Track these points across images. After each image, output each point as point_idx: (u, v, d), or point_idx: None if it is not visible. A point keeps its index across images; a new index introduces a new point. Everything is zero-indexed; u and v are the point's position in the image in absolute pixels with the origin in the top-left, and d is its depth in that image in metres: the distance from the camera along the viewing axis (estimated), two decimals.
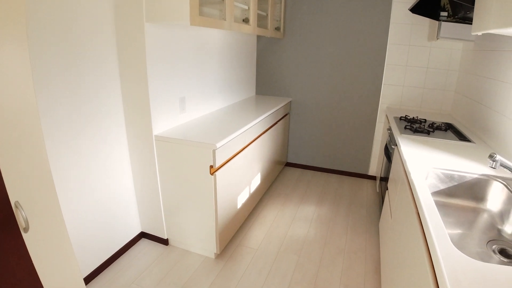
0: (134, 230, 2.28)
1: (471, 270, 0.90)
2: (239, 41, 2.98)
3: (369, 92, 3.25)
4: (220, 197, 2.04)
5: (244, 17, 2.33)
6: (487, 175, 1.63)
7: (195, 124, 2.25)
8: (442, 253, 0.97)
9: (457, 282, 0.86)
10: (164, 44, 1.98)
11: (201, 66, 2.40)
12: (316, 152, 3.64)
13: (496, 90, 2.11)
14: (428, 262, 1.08)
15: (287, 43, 3.33)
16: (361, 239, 2.50)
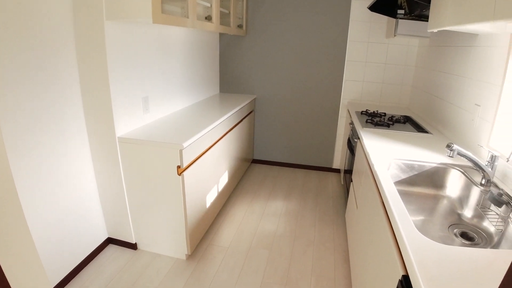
0: (100, 236, 2.20)
1: (435, 253, 0.96)
2: (201, 39, 2.95)
3: (331, 88, 3.35)
4: (188, 197, 2.01)
5: (207, 15, 2.30)
6: (445, 163, 1.74)
7: (159, 124, 2.20)
8: (408, 238, 1.03)
9: (422, 264, 0.91)
10: (125, 43, 1.92)
11: (164, 64, 2.35)
12: (281, 148, 3.70)
13: (451, 83, 2.25)
14: (395, 247, 1.14)
15: (250, 41, 3.34)
16: (329, 230, 2.57)
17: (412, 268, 0.91)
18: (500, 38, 1.62)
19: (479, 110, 1.80)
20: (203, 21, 2.21)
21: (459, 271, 0.89)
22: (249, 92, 3.53)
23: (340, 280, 2.05)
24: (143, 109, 2.15)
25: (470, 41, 1.97)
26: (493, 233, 1.36)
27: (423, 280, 0.85)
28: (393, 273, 1.10)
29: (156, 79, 2.28)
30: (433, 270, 0.89)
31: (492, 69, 1.68)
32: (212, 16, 2.30)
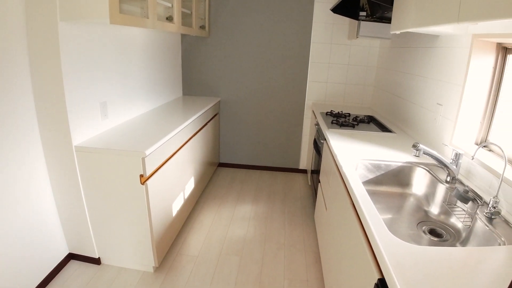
0: (61, 252, 2.03)
1: (410, 254, 0.96)
2: (163, 40, 2.83)
3: (296, 89, 3.36)
4: (153, 207, 1.91)
5: (168, 15, 2.21)
6: (410, 162, 1.77)
7: (120, 131, 2.08)
8: (382, 242, 1.01)
9: (398, 267, 0.90)
10: (81, 45, 1.78)
11: (123, 67, 2.22)
12: (248, 150, 3.65)
13: (412, 83, 2.32)
14: (369, 251, 1.13)
15: (212, 42, 3.27)
16: (299, 231, 2.56)
17: (389, 272, 0.89)
18: (461, 39, 1.68)
19: (441, 109, 1.86)
20: (164, 21, 2.11)
21: (435, 272, 0.88)
22: (213, 94, 3.46)
23: (313, 282, 2.03)
24: (101, 115, 2.02)
25: (431, 42, 2.03)
26: (460, 229, 1.39)
27: (400, 284, 0.83)
28: (368, 277, 1.08)
29: (115, 82, 2.15)
30: (409, 272, 0.88)
31: (454, 69, 1.73)
32: (173, 16, 2.20)
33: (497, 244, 1.09)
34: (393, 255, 0.95)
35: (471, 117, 1.66)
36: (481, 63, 1.55)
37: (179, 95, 3.41)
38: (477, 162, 1.48)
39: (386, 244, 1.00)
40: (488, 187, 1.39)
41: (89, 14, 1.52)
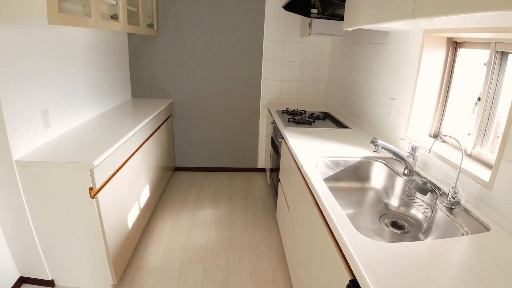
0: (11, 276, 1.80)
1: (379, 252, 0.94)
2: (107, 41, 2.63)
3: (250, 88, 3.31)
4: (106, 221, 1.75)
5: (113, 14, 2.04)
6: (368, 157, 1.80)
7: (64, 141, 1.89)
8: (350, 242, 0.99)
9: (370, 267, 0.88)
10: (17, 49, 1.58)
11: (65, 71, 2.02)
12: (204, 152, 3.54)
13: (365, 79, 2.37)
14: (336, 250, 1.11)
15: (162, 41, 3.11)
16: (262, 233, 2.52)
17: (361, 274, 0.87)
18: (413, 35, 1.73)
19: (394, 104, 1.91)
20: (108, 20, 1.95)
21: (405, 268, 0.87)
22: (164, 96, 3.30)
23: (280, 283, 2.00)
24: (43, 125, 1.81)
25: (383, 39, 2.08)
26: (421, 220, 1.43)
27: (374, 285, 0.81)
28: (339, 278, 1.06)
29: (57, 88, 1.94)
30: (380, 271, 0.86)
31: (406, 65, 1.78)
32: (118, 14, 2.04)
33: (461, 234, 1.12)
34: (363, 255, 0.93)
35: (424, 111, 1.72)
36: (433, 57, 1.61)
37: (128, 98, 3.21)
38: (433, 154, 1.54)
39: (355, 244, 0.98)
40: (445, 177, 1.45)
41: (25, 15, 1.34)
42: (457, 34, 1.40)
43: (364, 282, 0.84)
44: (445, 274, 0.87)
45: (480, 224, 1.14)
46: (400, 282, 0.82)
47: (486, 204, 1.19)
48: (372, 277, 0.84)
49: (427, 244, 1.01)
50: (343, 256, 1.07)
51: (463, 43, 1.54)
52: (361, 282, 0.87)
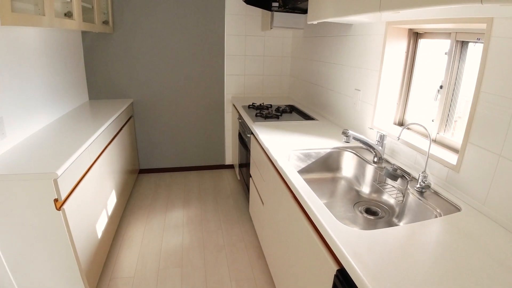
0: None
1: (362, 240, 0.97)
2: (60, 40, 2.44)
3: (214, 84, 3.26)
4: (75, 232, 1.65)
5: (67, 11, 1.90)
6: (338, 147, 1.84)
7: (22, 150, 1.74)
8: (334, 232, 1.01)
9: (356, 255, 0.90)
10: None
11: (19, 75, 1.85)
12: (170, 152, 3.45)
13: (329, 71, 2.41)
14: (320, 242, 1.13)
15: (118, 38, 2.96)
16: (237, 229, 2.52)
17: (349, 263, 0.89)
18: (375, 27, 1.78)
19: (360, 94, 1.97)
20: (62, 18, 1.81)
21: (389, 254, 0.91)
22: (124, 96, 3.16)
23: (260, 278, 2.01)
24: None
25: (345, 31, 2.13)
26: (394, 205, 1.49)
27: (363, 273, 0.84)
28: (325, 268, 1.08)
29: (10, 93, 1.78)
30: (366, 258, 0.89)
31: (370, 56, 1.84)
32: (73, 12, 1.90)
33: (434, 216, 1.19)
34: (348, 244, 0.95)
35: (388, 100, 1.79)
36: (395, 48, 1.68)
37: (85, 100, 3.03)
38: (400, 141, 1.61)
39: (338, 234, 1.00)
40: (414, 163, 1.52)
41: None
42: (418, 25, 1.47)
43: (353, 271, 0.86)
44: (426, 255, 0.91)
45: (451, 205, 1.21)
46: (387, 267, 0.85)
47: (455, 186, 1.27)
48: (360, 265, 0.87)
49: (405, 228, 1.05)
50: (327, 247, 1.09)
51: (423, 33, 1.61)
52: (350, 270, 0.88)
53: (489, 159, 1.11)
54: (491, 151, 1.10)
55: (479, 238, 1.00)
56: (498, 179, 1.08)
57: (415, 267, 0.86)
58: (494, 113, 1.09)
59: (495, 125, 1.08)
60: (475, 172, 1.17)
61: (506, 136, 1.04)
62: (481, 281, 0.82)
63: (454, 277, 0.83)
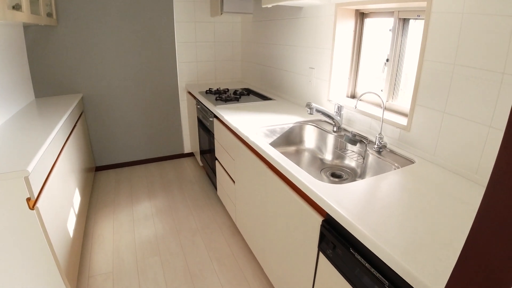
0: None
1: (340, 192, 1.12)
2: (1, 37, 2.27)
3: (166, 73, 3.24)
4: (51, 231, 1.62)
5: (14, 4, 1.77)
6: (299, 121, 2.00)
7: None
8: (316, 188, 1.15)
9: (339, 204, 1.05)
10: None
11: None
12: (126, 146, 3.38)
13: (282, 53, 2.54)
14: (301, 200, 1.27)
15: (63, 31, 2.79)
16: (207, 213, 2.60)
17: (335, 210, 1.03)
18: (325, 8, 1.93)
19: (314, 72, 2.13)
20: (12, 11, 1.70)
21: (365, 199, 1.07)
22: (73, 91, 3.00)
23: (238, 252, 2.13)
24: None
25: (296, 14, 2.26)
26: (355, 167, 1.69)
27: (349, 216, 0.98)
28: (311, 222, 1.22)
29: None
30: (348, 205, 1.04)
31: (322, 36, 2.00)
32: (21, 4, 1.79)
33: (393, 169, 1.39)
34: (330, 196, 1.10)
35: (341, 75, 1.98)
36: (344, 28, 1.85)
37: (31, 98, 2.84)
38: (355, 110, 1.80)
39: (320, 189, 1.15)
40: (369, 128, 1.72)
41: None
42: (364, 6, 1.65)
43: (340, 216, 1.00)
44: (395, 198, 1.09)
45: (406, 159, 1.42)
46: (366, 211, 1.01)
47: (407, 143, 1.48)
48: (344, 211, 1.01)
49: (373, 179, 1.23)
50: (309, 203, 1.23)
51: (369, 13, 1.80)
52: (337, 216, 1.02)
53: (435, 116, 1.33)
54: (436, 109, 1.32)
55: (434, 181, 1.21)
56: (444, 132, 1.30)
57: (388, 208, 1.03)
58: (436, 77, 1.29)
59: (438, 87, 1.29)
60: (424, 129, 1.39)
61: (448, 95, 1.26)
62: (442, 212, 1.01)
63: (421, 212, 1.01)
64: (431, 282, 0.73)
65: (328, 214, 1.10)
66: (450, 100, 1.25)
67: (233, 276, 1.96)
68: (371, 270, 0.91)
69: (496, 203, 0.43)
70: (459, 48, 1.19)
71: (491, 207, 0.44)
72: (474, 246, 0.47)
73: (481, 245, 0.46)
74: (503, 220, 0.42)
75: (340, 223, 1.01)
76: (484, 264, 0.45)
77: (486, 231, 0.45)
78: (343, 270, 1.05)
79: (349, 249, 1.01)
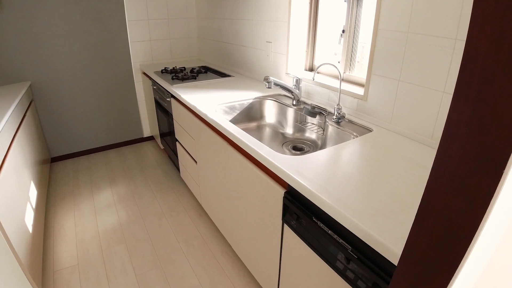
0: None
1: (301, 162, 1.13)
2: None
3: (119, 54, 3.06)
4: (8, 228, 1.52)
5: None
6: (258, 97, 1.98)
7: None
8: (277, 161, 1.15)
9: (300, 174, 1.06)
10: None
11: None
12: (82, 134, 3.21)
13: (237, 27, 2.48)
14: (262, 173, 1.27)
15: (7, 16, 2.51)
16: (172, 195, 2.55)
17: (295, 181, 1.04)
18: None
19: (271, 46, 2.10)
20: None
21: (325, 169, 1.09)
22: (19, 79, 2.77)
23: (206, 232, 2.13)
24: None
25: None
26: (316, 139, 1.71)
27: (309, 185, 0.99)
28: (274, 196, 1.23)
29: None
30: (309, 175, 1.05)
31: (278, 9, 1.96)
32: None
33: (353, 138, 1.42)
34: (291, 167, 1.10)
35: (298, 48, 1.96)
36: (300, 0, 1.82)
37: None
38: (314, 83, 1.80)
39: (281, 161, 1.15)
40: (327, 100, 1.73)
41: None
42: None
43: (301, 186, 1.01)
44: (355, 165, 1.12)
45: (364, 128, 1.45)
46: (327, 179, 1.03)
47: (364, 112, 1.51)
48: (306, 181, 1.02)
49: (332, 149, 1.25)
50: (271, 176, 1.24)
51: None
52: (299, 187, 1.02)
53: (390, 85, 1.36)
54: (391, 78, 1.35)
55: (392, 147, 1.25)
56: (400, 100, 1.34)
57: (349, 175, 1.05)
58: (390, 46, 1.32)
59: (393, 56, 1.32)
60: (380, 98, 1.42)
61: (403, 63, 1.28)
62: (401, 175, 1.05)
63: (380, 176, 1.04)
64: (392, 244, 0.76)
65: (290, 186, 1.11)
66: (405, 68, 1.28)
67: (202, 256, 1.96)
68: (334, 237, 0.94)
69: (449, 157, 0.44)
70: (412, 16, 1.21)
71: (444, 162, 0.45)
72: (431, 202, 0.48)
73: (437, 200, 0.47)
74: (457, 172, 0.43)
75: (302, 193, 1.02)
76: (442, 219, 0.47)
77: (441, 187, 0.46)
78: (308, 239, 1.08)
79: (312, 218, 1.02)
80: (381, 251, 0.77)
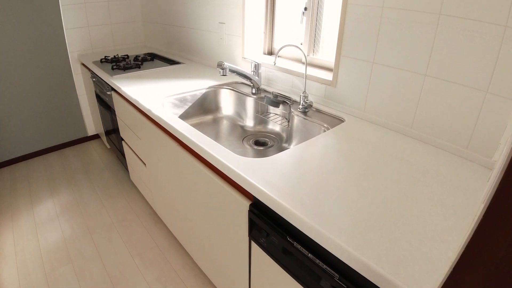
0: None
1: (267, 167, 0.94)
2: None
3: (52, 43, 2.64)
4: None
5: None
6: (212, 86, 1.74)
7: None
8: (239, 168, 0.94)
9: (268, 182, 0.86)
10: None
11: None
12: (17, 137, 2.77)
13: (185, 9, 2.20)
14: (220, 180, 1.06)
15: None
16: (122, 202, 2.27)
17: (262, 192, 0.84)
18: None
19: (224, 27, 1.85)
20: None
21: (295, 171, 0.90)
22: None
23: (163, 243, 1.89)
24: None
25: None
26: (280, 131, 1.51)
27: (277, 196, 0.80)
28: (236, 208, 1.03)
29: None
30: (277, 182, 0.86)
31: None
32: None
33: (323, 131, 1.23)
34: (255, 174, 0.90)
35: (255, 30, 1.74)
36: None
37: None
38: (275, 68, 1.59)
39: (241, 166, 0.94)
40: (291, 87, 1.54)
41: None
42: None
43: (270, 199, 0.82)
44: (331, 164, 0.94)
45: (335, 118, 1.28)
46: (299, 185, 0.84)
47: (334, 100, 1.33)
48: (273, 190, 0.83)
49: (303, 146, 1.06)
50: (232, 185, 1.03)
51: None
52: (267, 200, 0.83)
53: (363, 68, 1.18)
54: (364, 60, 1.17)
55: (368, 140, 1.08)
56: (374, 84, 1.16)
57: (326, 177, 0.87)
58: (363, 23, 1.13)
59: (365, 34, 1.14)
60: (351, 83, 1.24)
61: (377, 43, 1.11)
62: (383, 174, 0.88)
63: (362, 177, 0.87)
64: (391, 273, 0.58)
65: (255, 197, 0.90)
66: (380, 49, 1.11)
67: (160, 271, 1.73)
68: (316, 262, 0.75)
69: None
70: None
71: None
72: None
73: None
74: None
75: (271, 208, 0.82)
76: None
77: None
78: (281, 260, 0.89)
79: (286, 237, 0.83)
80: (378, 282, 0.60)
